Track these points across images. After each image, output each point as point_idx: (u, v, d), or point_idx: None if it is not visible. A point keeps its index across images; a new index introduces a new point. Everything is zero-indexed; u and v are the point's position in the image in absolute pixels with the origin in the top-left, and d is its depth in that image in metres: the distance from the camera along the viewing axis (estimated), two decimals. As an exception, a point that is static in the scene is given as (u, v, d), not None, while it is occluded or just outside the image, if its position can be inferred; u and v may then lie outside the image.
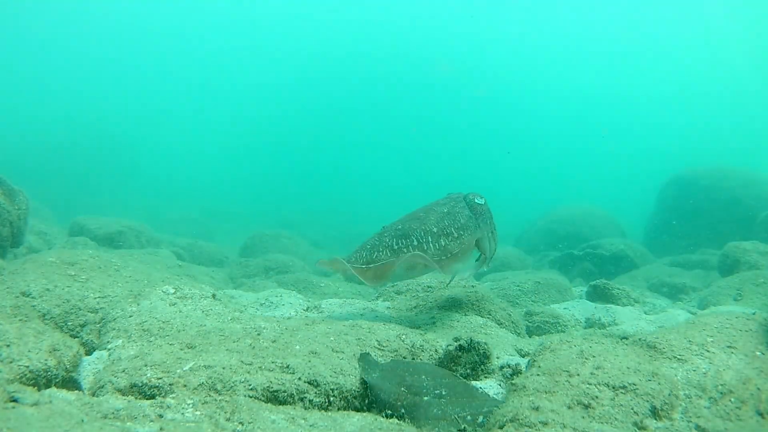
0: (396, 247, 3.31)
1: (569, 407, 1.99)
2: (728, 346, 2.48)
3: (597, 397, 2.04)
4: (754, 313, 3.04)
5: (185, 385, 2.20)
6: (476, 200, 3.75)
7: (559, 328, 4.69)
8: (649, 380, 2.15)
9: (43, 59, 39.08)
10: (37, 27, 37.89)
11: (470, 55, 46.77)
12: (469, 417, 2.18)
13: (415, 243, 3.33)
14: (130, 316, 3.11)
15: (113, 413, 1.96)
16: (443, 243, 3.40)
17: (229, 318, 3.27)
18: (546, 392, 2.10)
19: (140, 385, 2.23)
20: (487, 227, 3.76)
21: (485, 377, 2.84)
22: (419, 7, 45.98)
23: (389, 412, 2.24)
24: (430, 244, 3.36)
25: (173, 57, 45.63)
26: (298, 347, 2.62)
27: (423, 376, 2.50)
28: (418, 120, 46.73)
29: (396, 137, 46.44)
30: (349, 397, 2.35)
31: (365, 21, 46.69)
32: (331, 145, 44.27)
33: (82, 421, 1.79)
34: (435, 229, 3.44)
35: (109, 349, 2.82)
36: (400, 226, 3.48)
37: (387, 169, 42.67)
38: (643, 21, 41.73)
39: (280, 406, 2.19)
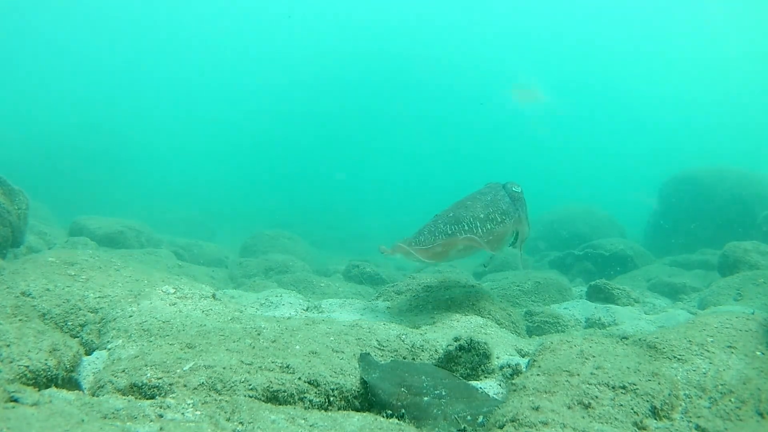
0: (450, 232, 3.79)
1: (569, 407, 1.99)
2: (728, 346, 2.48)
3: (597, 397, 2.04)
4: (753, 313, 3.04)
5: (185, 385, 2.20)
6: (514, 188, 4.32)
7: (559, 328, 4.68)
8: (649, 380, 2.15)
9: (43, 59, 39.08)
10: (37, 27, 37.90)
11: (470, 55, 46.73)
12: (469, 417, 2.18)
13: (466, 228, 3.81)
14: (130, 316, 3.11)
15: (113, 413, 1.96)
16: (489, 227, 3.90)
17: (229, 318, 3.27)
18: (546, 392, 2.10)
19: (140, 385, 2.23)
20: (524, 212, 4.28)
21: (485, 377, 2.84)
22: (422, 5, 45.95)
23: (389, 412, 2.24)
24: (479, 228, 3.85)
25: (174, 57, 45.59)
26: (298, 347, 2.63)
27: (423, 377, 2.51)
28: (416, 120, 46.70)
29: (395, 138, 46.43)
30: (349, 397, 2.35)
31: (366, 20, 46.69)
32: (331, 145, 44.27)
33: (82, 421, 1.80)
34: (482, 215, 3.92)
35: (109, 349, 2.82)
36: (451, 214, 3.94)
37: (387, 169, 42.64)
38: (643, 20, 41.72)
39: (280, 406, 2.19)
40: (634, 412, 2.00)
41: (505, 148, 44.32)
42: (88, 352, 2.96)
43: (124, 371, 2.32)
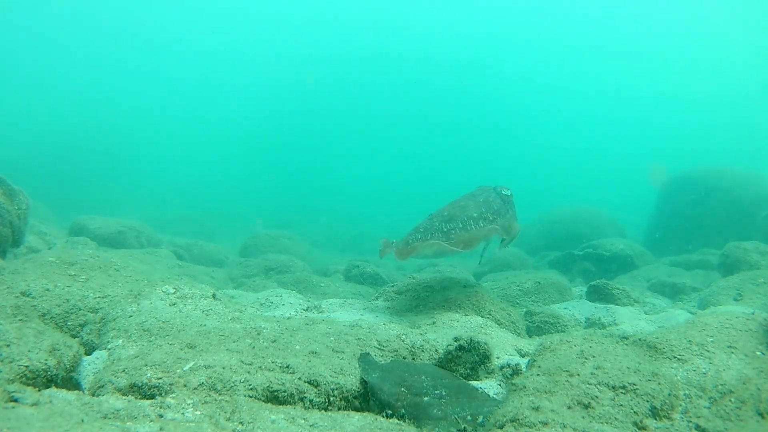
0: (445, 229, 4.00)
1: (569, 407, 1.99)
2: (728, 346, 2.48)
3: (597, 397, 2.04)
4: (753, 313, 3.04)
5: (185, 385, 2.20)
6: (503, 192, 4.61)
7: (559, 328, 4.68)
8: (649, 380, 2.15)
9: (44, 59, 39.08)
10: (39, 27, 37.90)
11: (469, 53, 46.69)
12: (469, 417, 2.18)
13: (460, 225, 4.03)
14: (130, 316, 3.11)
15: (113, 413, 1.96)
16: (482, 225, 4.12)
17: (230, 318, 3.27)
18: (546, 392, 2.10)
19: (140, 385, 2.23)
20: (513, 213, 4.58)
21: (485, 377, 2.84)
22: (421, 5, 45.93)
23: (389, 412, 2.24)
24: (472, 226, 4.06)
25: (175, 56, 45.58)
26: (298, 347, 2.62)
27: (423, 377, 2.50)
28: (415, 120, 46.66)
29: (395, 138, 46.42)
30: (349, 397, 2.35)
31: (364, 19, 46.67)
32: (331, 145, 44.28)
33: (82, 421, 1.79)
34: (475, 215, 4.16)
35: (109, 349, 2.82)
36: (446, 213, 4.18)
37: (386, 170, 42.64)
38: (644, 20, 41.72)
39: (280, 406, 2.19)
40: (634, 412, 2.00)
41: (506, 149, 44.33)
42: (88, 352, 2.96)
43: (124, 371, 2.32)
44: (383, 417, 2.21)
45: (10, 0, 35.14)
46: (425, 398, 2.31)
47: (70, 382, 2.51)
